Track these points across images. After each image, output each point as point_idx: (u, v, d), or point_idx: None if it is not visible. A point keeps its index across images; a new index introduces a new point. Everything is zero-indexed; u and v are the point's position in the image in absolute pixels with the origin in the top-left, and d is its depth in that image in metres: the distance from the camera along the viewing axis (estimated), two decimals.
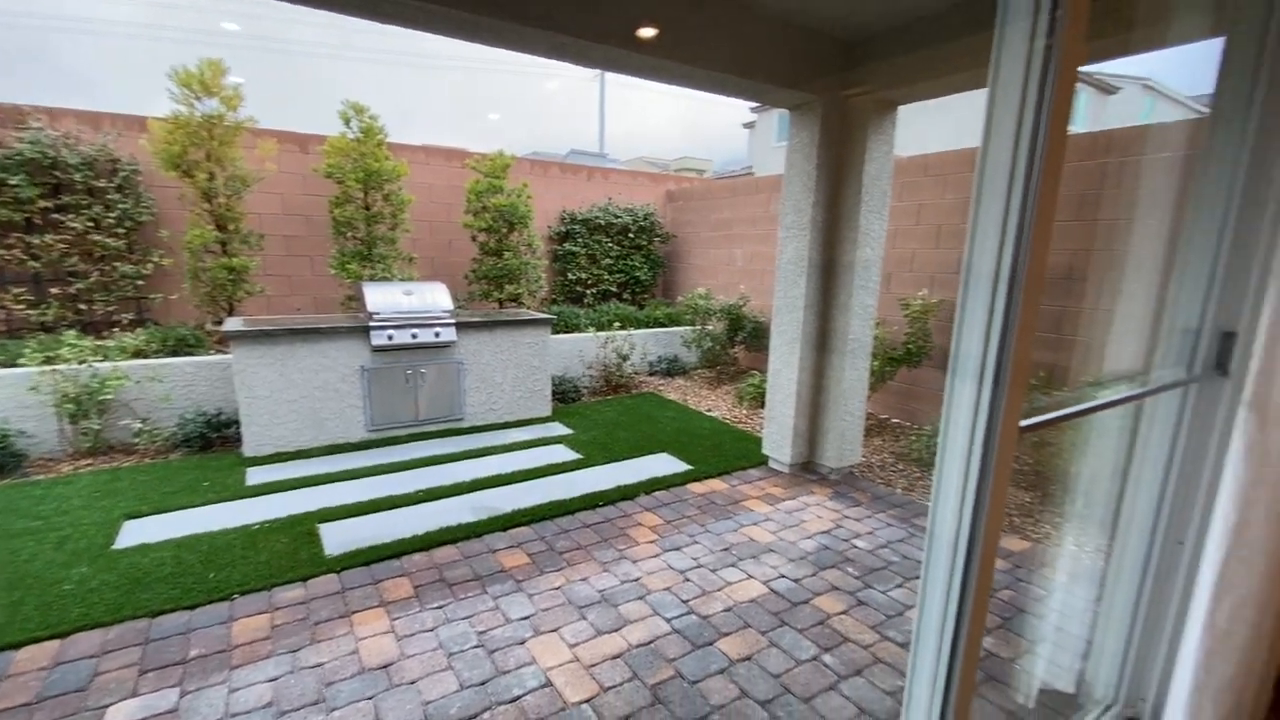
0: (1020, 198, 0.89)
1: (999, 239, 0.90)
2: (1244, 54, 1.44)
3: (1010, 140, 0.94)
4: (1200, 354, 1.52)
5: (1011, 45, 0.94)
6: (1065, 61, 0.89)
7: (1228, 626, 1.46)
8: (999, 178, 0.95)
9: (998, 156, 0.96)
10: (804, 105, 3.60)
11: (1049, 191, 0.88)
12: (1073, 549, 3.15)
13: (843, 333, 3.84)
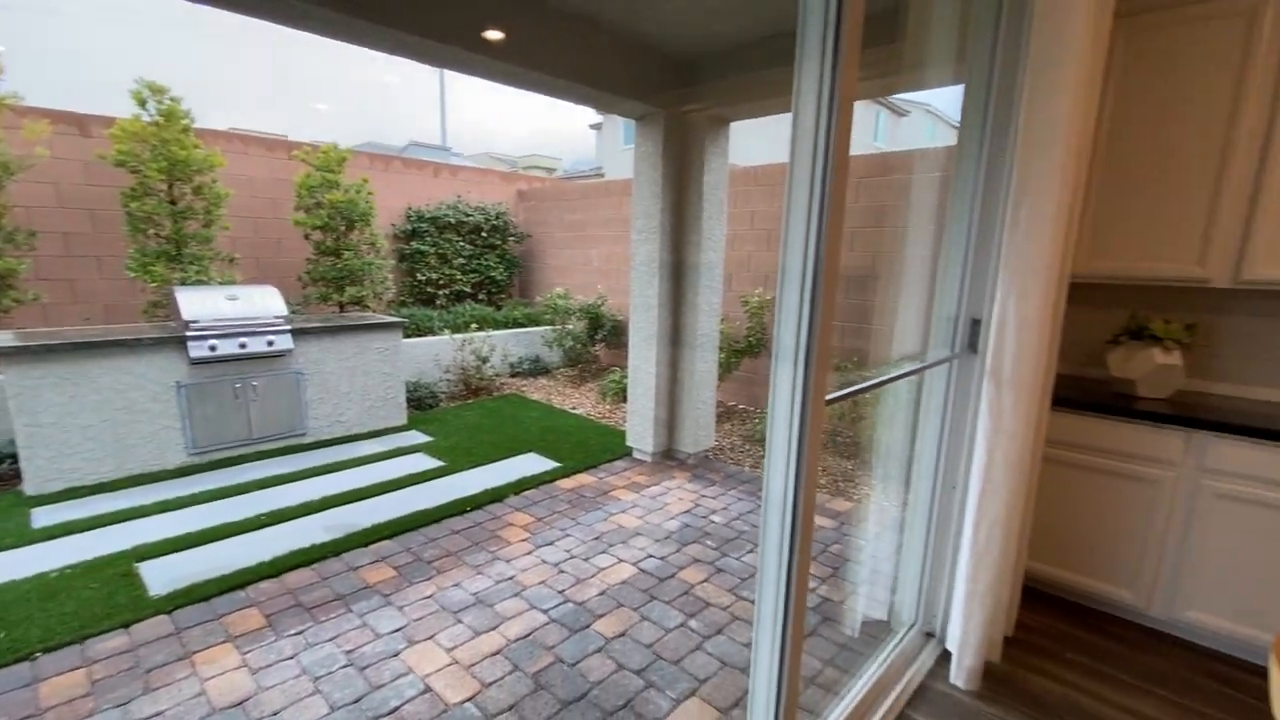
0: (818, 206, 1.10)
1: (804, 241, 1.10)
2: (976, 99, 1.87)
3: (809, 158, 1.12)
4: (959, 336, 1.95)
5: (807, 78, 1.12)
6: (843, 94, 1.09)
7: (985, 545, 1.89)
8: (802, 190, 1.13)
9: (801, 171, 1.13)
10: (648, 116, 3.85)
11: (838, 201, 1.10)
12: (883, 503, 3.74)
13: (693, 328, 4.16)
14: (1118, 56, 2.29)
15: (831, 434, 4.84)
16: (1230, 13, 2.08)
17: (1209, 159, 2.18)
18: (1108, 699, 2.04)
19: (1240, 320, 2.42)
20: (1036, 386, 1.80)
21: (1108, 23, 1.84)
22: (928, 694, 2.06)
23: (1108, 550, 2.37)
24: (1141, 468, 2.25)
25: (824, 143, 1.08)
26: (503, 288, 8.07)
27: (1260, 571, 2.07)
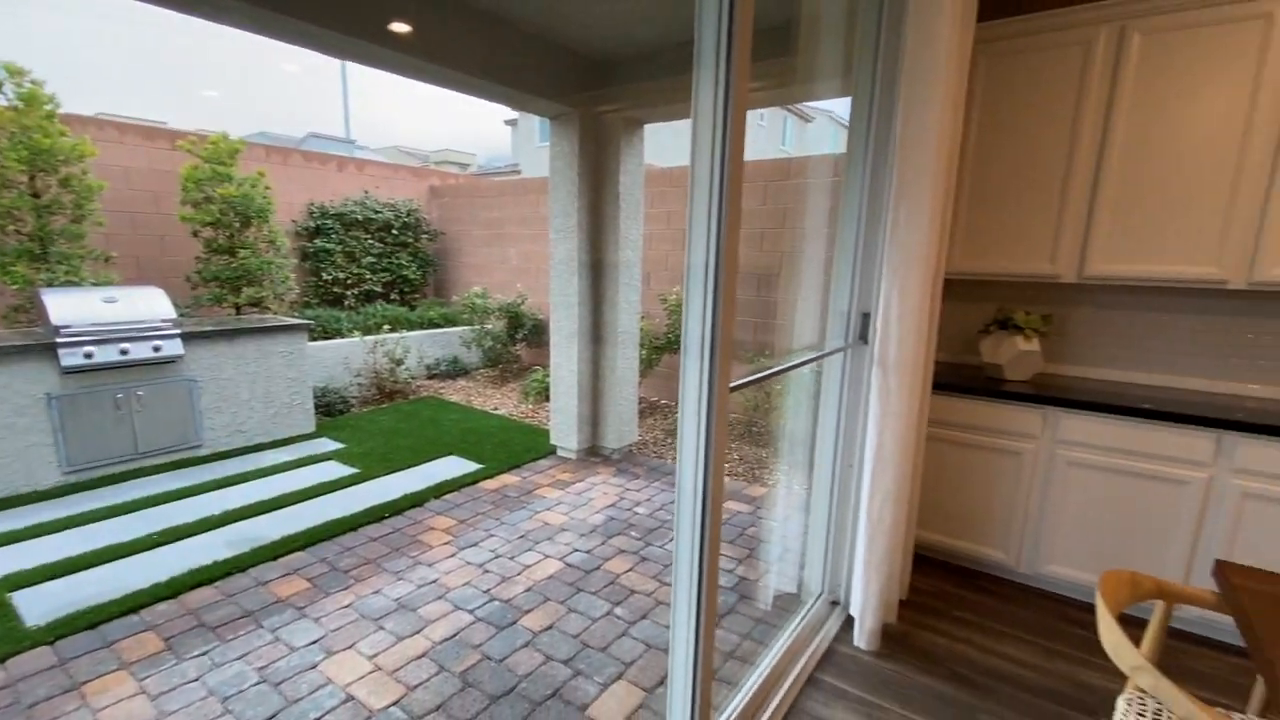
0: (717, 207, 1.19)
1: (705, 240, 1.19)
2: (861, 110, 2.05)
3: (708, 162, 1.19)
4: (851, 328, 2.14)
5: (704, 87, 1.19)
6: (737, 103, 1.17)
7: (879, 517, 2.08)
8: (702, 192, 1.20)
9: (701, 175, 1.21)
10: (563, 116, 3.88)
11: (734, 203, 1.19)
12: (793, 486, 3.98)
13: (613, 325, 4.24)
14: (980, 78, 2.58)
15: (747, 424, 5.07)
16: (1069, 43, 2.39)
17: (1056, 170, 2.50)
18: (986, 648, 2.31)
19: (1087, 311, 2.79)
20: (918, 372, 2.01)
21: (969, 46, 2.08)
22: (834, 656, 2.25)
23: (983, 516, 2.67)
24: (1008, 442, 2.55)
25: (721, 148, 1.17)
26: (417, 287, 7.81)
27: (1101, 526, 2.40)
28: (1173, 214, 2.32)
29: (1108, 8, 2.30)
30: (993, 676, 2.16)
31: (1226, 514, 2.16)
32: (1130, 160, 2.36)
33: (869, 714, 1.98)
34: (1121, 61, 2.31)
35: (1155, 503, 2.28)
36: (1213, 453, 2.16)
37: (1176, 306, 2.59)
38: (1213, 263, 2.27)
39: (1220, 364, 2.54)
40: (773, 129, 18.96)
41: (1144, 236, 2.38)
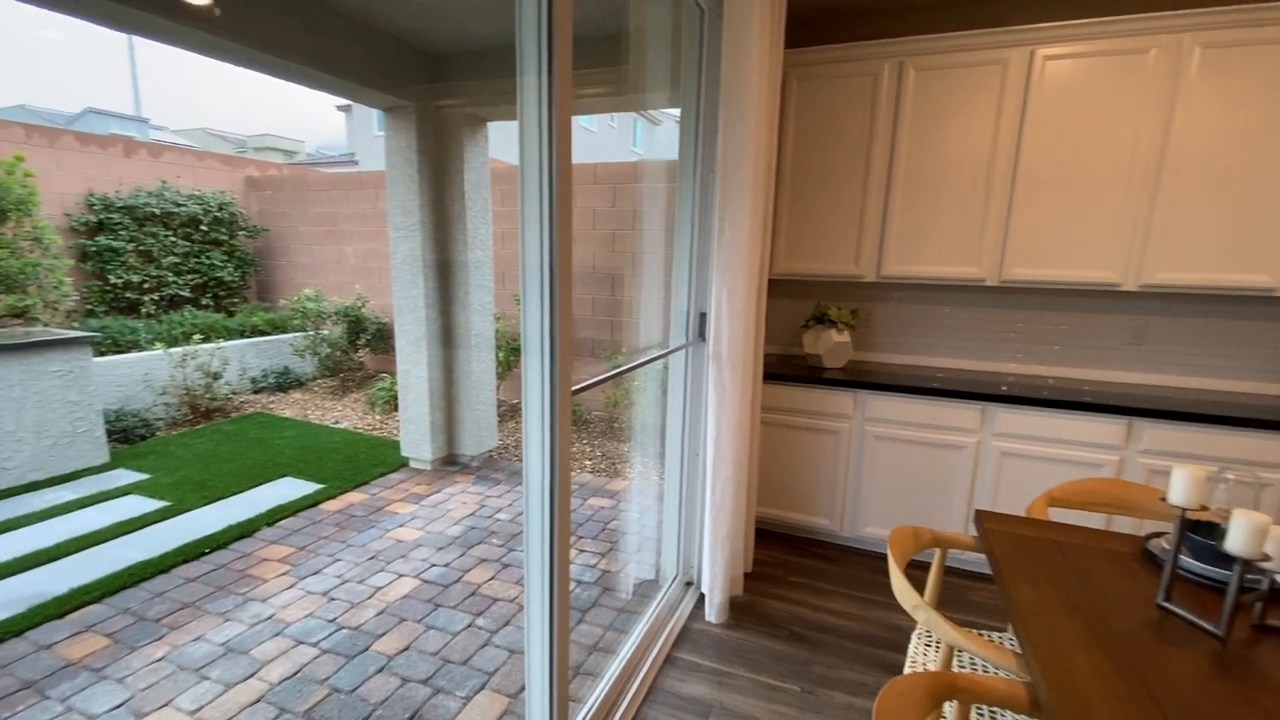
0: (548, 209, 1.21)
1: (539, 242, 1.21)
2: (689, 121, 2.20)
3: (536, 164, 1.21)
4: (691, 326, 2.29)
5: (528, 92, 1.21)
6: (561, 107, 1.19)
7: (721, 500, 2.26)
8: (533, 193, 1.22)
9: (530, 177, 1.22)
10: (398, 109, 3.68)
11: (564, 204, 1.21)
12: (651, 477, 4.16)
13: (466, 328, 4.11)
14: (794, 98, 2.88)
15: (609, 421, 5.19)
16: (861, 73, 2.76)
17: (856, 182, 2.87)
18: (817, 606, 2.60)
19: (887, 305, 3.23)
20: (749, 365, 2.22)
21: (779, 71, 2.31)
22: (689, 633, 2.40)
23: (812, 490, 3.00)
24: (828, 422, 2.88)
25: (548, 151, 1.19)
26: (235, 290, 6.95)
27: (903, 489, 2.81)
28: (944, 223, 2.77)
29: (888, 45, 2.69)
30: (823, 631, 2.44)
31: (991, 470, 2.64)
32: (912, 176, 2.78)
33: (720, 682, 2.15)
34: (902, 91, 2.71)
35: (941, 466, 2.72)
36: (979, 421, 2.63)
37: (952, 300, 3.10)
38: (974, 264, 2.75)
39: (985, 347, 3.08)
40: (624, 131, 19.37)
41: (924, 241, 2.81)
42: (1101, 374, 2.89)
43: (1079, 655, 1.07)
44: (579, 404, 5.22)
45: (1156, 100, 2.39)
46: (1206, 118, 2.35)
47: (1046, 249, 2.63)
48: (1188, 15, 2.30)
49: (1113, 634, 1.14)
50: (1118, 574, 1.36)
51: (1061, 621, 1.17)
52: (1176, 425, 2.34)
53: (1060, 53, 2.47)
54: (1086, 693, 0.98)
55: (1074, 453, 2.49)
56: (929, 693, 1.03)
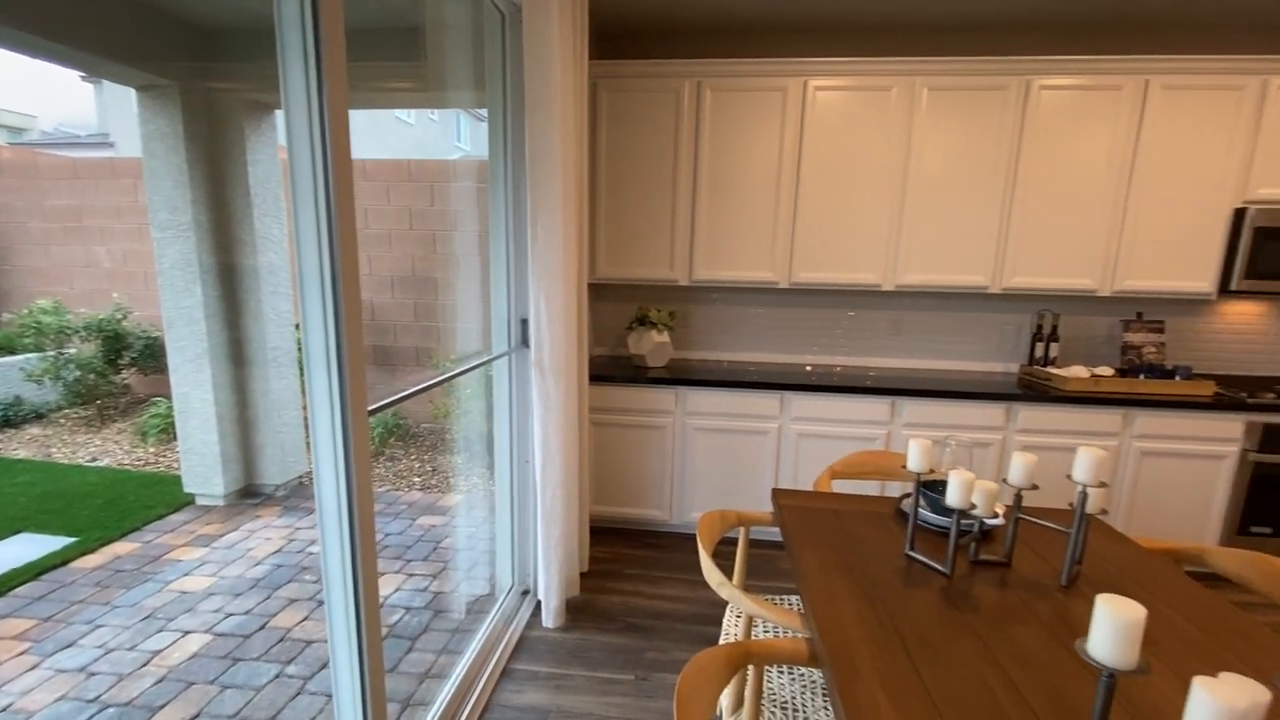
0: (325, 207, 1.11)
1: (317, 246, 1.12)
2: (498, 125, 2.18)
3: (308, 158, 1.10)
4: (513, 333, 2.27)
5: (293, 83, 1.10)
6: (334, 98, 1.09)
7: (552, 505, 2.27)
8: (306, 190, 1.11)
9: (302, 171, 1.12)
10: (156, 89, 3.14)
11: (345, 204, 1.12)
12: (485, 489, 4.04)
13: (260, 342, 3.65)
14: (605, 109, 2.99)
15: (439, 433, 4.94)
16: (665, 89, 2.94)
17: (666, 192, 3.05)
18: (651, 594, 2.73)
19: (702, 307, 3.48)
20: (573, 369, 2.25)
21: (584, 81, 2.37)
22: (526, 642, 2.38)
23: (643, 484, 3.13)
24: (654, 419, 3.04)
25: (320, 144, 1.08)
26: None
27: (721, 475, 3.06)
28: (744, 231, 3.05)
29: (687, 65, 2.89)
30: (656, 617, 2.57)
31: (791, 451, 2.97)
32: (715, 187, 3.02)
33: (558, 685, 2.16)
34: (701, 109, 2.93)
35: (751, 451, 3.00)
36: (779, 408, 2.94)
37: (756, 301, 3.42)
38: (769, 269, 3.07)
39: (786, 342, 3.46)
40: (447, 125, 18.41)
41: (729, 248, 3.08)
42: (874, 361, 3.40)
43: (847, 607, 1.25)
44: (403, 418, 4.90)
45: (899, 131, 2.87)
46: (934, 147, 2.87)
47: (825, 255, 3.02)
48: (917, 61, 2.79)
49: (872, 584, 1.34)
50: (878, 532, 1.61)
51: (835, 580, 1.36)
52: (927, 401, 2.83)
53: (826, 85, 2.86)
54: (850, 638, 1.15)
55: (854, 430, 2.89)
56: (727, 663, 1.14)
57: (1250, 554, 1.53)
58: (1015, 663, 1.09)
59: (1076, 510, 1.33)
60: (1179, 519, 2.80)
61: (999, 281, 2.95)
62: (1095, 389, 2.80)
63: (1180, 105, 2.74)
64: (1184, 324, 3.21)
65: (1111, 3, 2.75)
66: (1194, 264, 2.86)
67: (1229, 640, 1.17)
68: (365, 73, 2.38)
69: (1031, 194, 2.87)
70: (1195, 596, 1.32)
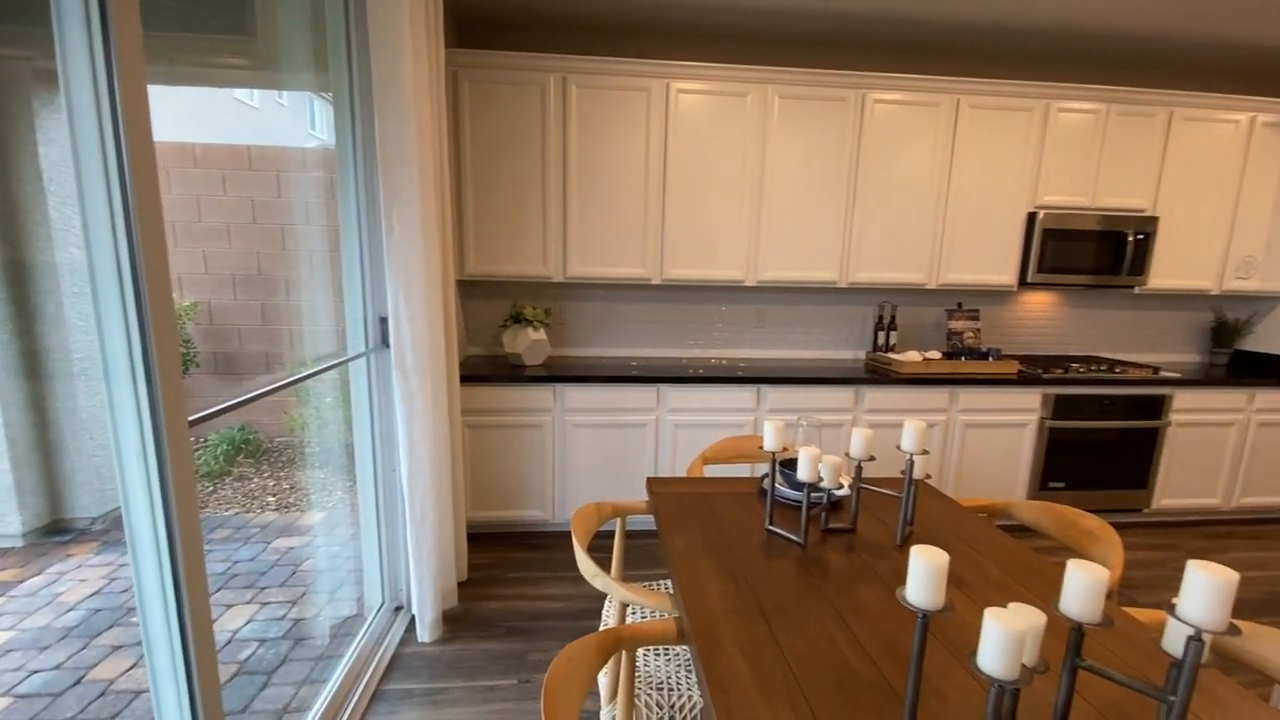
0: (120, 196, 0.98)
1: (111, 237, 0.98)
2: (344, 111, 2.03)
3: (96, 140, 0.97)
4: (371, 333, 2.13)
5: (73, 52, 0.96)
6: (127, 70, 0.97)
7: (422, 514, 2.16)
8: (94, 177, 0.98)
9: (88, 155, 0.98)
10: None
11: (147, 190, 1.00)
12: (350, 503, 3.77)
13: (64, 352, 3.11)
14: (467, 100, 2.89)
15: (296, 447, 4.51)
16: (530, 83, 2.90)
17: (536, 188, 3.01)
18: (535, 595, 2.69)
19: (578, 304, 3.48)
20: (439, 369, 2.15)
21: (440, 70, 2.28)
22: (400, 661, 2.25)
23: (524, 485, 3.07)
24: (532, 418, 2.99)
25: (114, 126, 0.95)
26: None
27: (602, 470, 3.08)
28: (616, 228, 3.09)
29: (552, 60, 2.88)
30: (540, 618, 2.53)
31: (668, 441, 3.06)
32: (585, 184, 3.03)
33: (435, 701, 2.06)
34: (568, 105, 2.93)
35: (630, 443, 3.05)
36: (656, 401, 3.02)
37: (630, 297, 3.48)
38: (641, 265, 3.13)
39: (663, 336, 3.55)
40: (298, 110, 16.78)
41: (601, 245, 3.10)
42: (743, 352, 3.59)
43: (712, 584, 1.31)
44: (254, 432, 4.42)
45: (755, 135, 3.05)
46: (787, 152, 3.09)
47: (693, 253, 3.14)
48: (769, 70, 2.98)
49: (736, 560, 1.42)
50: (742, 511, 1.70)
51: (702, 559, 1.42)
52: (788, 388, 3.04)
53: (688, 88, 2.97)
54: (715, 613, 1.20)
55: (725, 418, 3.04)
56: (598, 651, 1.15)
57: (1043, 504, 1.80)
58: (858, 618, 1.20)
59: (906, 477, 1.50)
60: (996, 479, 3.25)
61: (845, 277, 3.24)
62: (927, 371, 3.16)
63: (984, 122, 3.16)
64: (994, 312, 3.72)
65: (931, 30, 3.12)
66: (1000, 260, 3.32)
67: (1026, 578, 1.37)
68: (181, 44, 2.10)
69: (870, 198, 3.18)
70: (1002, 544, 1.53)
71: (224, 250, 4.26)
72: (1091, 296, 3.77)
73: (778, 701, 0.96)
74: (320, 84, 1.95)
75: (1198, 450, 3.33)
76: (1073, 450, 3.25)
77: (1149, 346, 3.89)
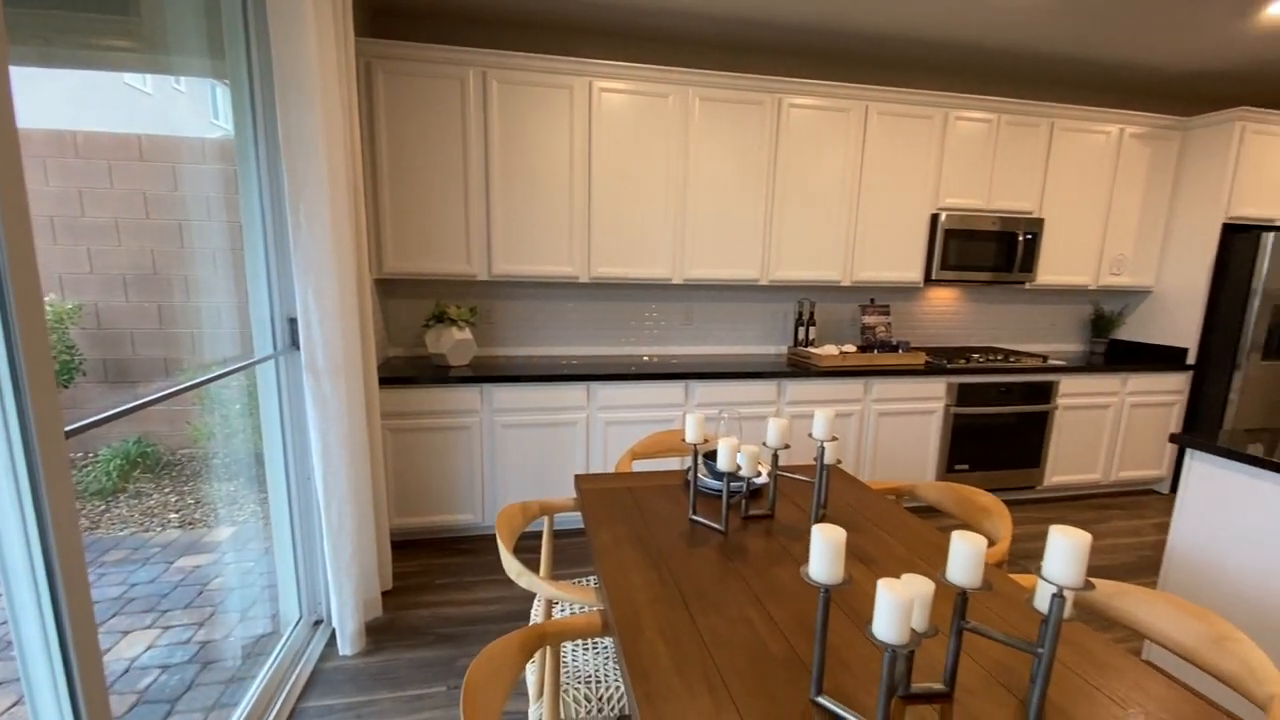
0: None
1: None
2: (243, 99, 1.91)
3: None
4: (279, 334, 2.02)
5: None
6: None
7: (340, 523, 2.07)
8: None
9: None
10: None
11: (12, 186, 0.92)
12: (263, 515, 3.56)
13: None
14: (382, 92, 2.79)
15: (201, 459, 4.21)
16: (449, 76, 2.83)
17: (457, 183, 2.95)
18: (464, 599, 2.63)
19: (506, 303, 3.43)
20: (356, 371, 2.07)
21: (351, 58, 2.19)
22: (320, 676, 2.15)
23: (451, 488, 3.00)
24: (459, 419, 2.93)
25: None
26: None
27: (532, 470, 3.05)
28: (542, 226, 3.07)
29: (471, 54, 2.82)
30: (469, 623, 2.49)
31: (599, 439, 3.07)
32: (509, 180, 2.99)
33: (359, 715, 1.99)
34: (488, 99, 2.89)
35: (561, 442, 3.04)
36: (586, 399, 3.02)
37: (559, 296, 3.47)
38: (569, 264, 3.13)
39: (593, 334, 3.55)
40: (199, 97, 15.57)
41: (528, 242, 3.07)
42: (672, 349, 3.65)
43: (636, 575, 1.34)
44: (152, 445, 4.09)
45: (678, 136, 3.11)
46: (709, 153, 3.17)
47: (621, 251, 3.17)
48: (690, 72, 3.04)
49: (660, 551, 1.45)
50: (668, 503, 1.74)
51: (627, 552, 1.44)
52: (714, 383, 3.12)
53: (611, 87, 2.99)
54: (638, 603, 1.23)
55: (654, 414, 3.08)
56: (521, 648, 1.15)
57: (945, 485, 1.93)
58: (773, 598, 1.25)
59: (818, 462, 1.58)
60: (907, 464, 3.46)
61: (767, 275, 3.36)
62: (843, 364, 3.33)
63: (891, 129, 3.36)
64: (904, 307, 3.95)
65: (842, 40, 3.28)
66: (907, 258, 3.53)
67: (926, 553, 1.47)
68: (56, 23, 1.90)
69: (789, 199, 3.30)
70: (907, 524, 1.64)
71: (112, 248, 3.90)
72: (989, 292, 4.08)
73: (695, 682, 0.99)
74: (217, 70, 1.82)
75: (1081, 430, 3.68)
76: (975, 434, 3.51)
77: (1039, 337, 4.25)
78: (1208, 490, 2.06)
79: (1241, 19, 2.92)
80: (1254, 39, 3.14)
